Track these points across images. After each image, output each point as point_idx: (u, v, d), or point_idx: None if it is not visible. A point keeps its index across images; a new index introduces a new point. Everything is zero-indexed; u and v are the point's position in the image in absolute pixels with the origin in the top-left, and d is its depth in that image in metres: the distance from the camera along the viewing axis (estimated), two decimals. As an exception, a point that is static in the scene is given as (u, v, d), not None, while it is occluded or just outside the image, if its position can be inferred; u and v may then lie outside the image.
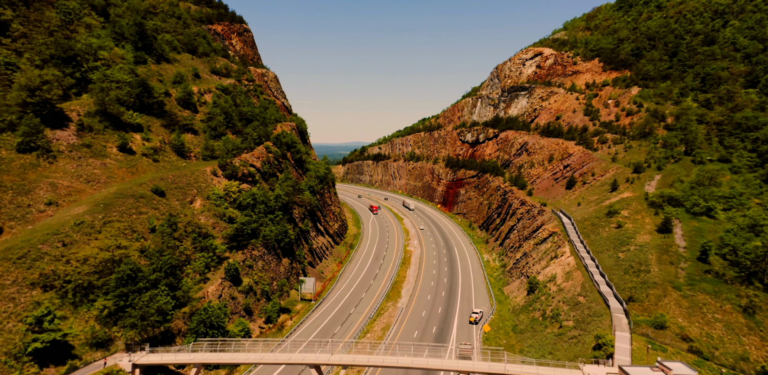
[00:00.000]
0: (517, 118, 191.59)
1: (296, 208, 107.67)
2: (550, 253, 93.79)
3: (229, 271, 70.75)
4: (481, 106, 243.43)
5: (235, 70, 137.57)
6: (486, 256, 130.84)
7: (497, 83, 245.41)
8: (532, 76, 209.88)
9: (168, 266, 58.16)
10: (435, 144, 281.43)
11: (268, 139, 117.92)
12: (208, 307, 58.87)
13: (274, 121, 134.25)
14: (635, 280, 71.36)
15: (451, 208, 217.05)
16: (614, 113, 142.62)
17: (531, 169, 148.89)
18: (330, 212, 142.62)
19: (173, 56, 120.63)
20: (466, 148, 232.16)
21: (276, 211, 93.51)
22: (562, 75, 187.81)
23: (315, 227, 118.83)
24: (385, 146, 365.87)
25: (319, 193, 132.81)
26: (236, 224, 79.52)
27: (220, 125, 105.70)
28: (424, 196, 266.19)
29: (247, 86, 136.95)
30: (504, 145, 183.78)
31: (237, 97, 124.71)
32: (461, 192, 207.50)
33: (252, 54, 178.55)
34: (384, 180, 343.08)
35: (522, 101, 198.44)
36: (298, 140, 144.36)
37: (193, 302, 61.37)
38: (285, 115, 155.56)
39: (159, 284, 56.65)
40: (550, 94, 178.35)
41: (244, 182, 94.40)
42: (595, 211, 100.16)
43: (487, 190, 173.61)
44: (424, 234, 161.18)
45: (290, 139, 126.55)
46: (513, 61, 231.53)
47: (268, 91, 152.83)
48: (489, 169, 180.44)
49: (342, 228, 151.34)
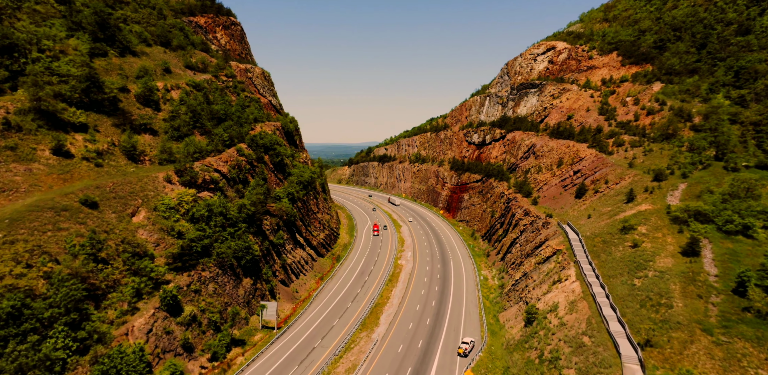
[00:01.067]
0: (526, 118, 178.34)
1: (268, 218, 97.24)
2: (552, 275, 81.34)
3: (166, 298, 60.46)
4: (489, 104, 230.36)
5: (214, 65, 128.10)
6: (485, 272, 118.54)
7: (507, 80, 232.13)
8: (543, 73, 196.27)
9: (70, 300, 47.92)
10: (441, 145, 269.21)
11: (243, 140, 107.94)
12: (116, 352, 48.40)
13: (254, 120, 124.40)
14: (654, 318, 58.79)
15: (454, 215, 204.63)
16: (633, 112, 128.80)
17: (538, 175, 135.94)
18: (315, 221, 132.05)
19: (141, 49, 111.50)
20: (472, 149, 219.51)
21: (239, 223, 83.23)
22: (576, 70, 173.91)
23: (292, 239, 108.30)
24: (392, 147, 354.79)
25: (302, 200, 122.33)
26: (183, 241, 69.36)
27: (185, 125, 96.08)
28: (428, 200, 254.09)
29: (226, 83, 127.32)
30: (511, 146, 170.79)
31: (211, 94, 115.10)
32: (465, 197, 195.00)
33: (239, 49, 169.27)
34: (389, 182, 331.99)
35: (532, 99, 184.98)
36: (282, 142, 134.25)
37: (103, 343, 51.02)
38: (270, 114, 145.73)
39: (56, 323, 46.52)
40: (562, 92, 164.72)
41: (205, 190, 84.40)
42: (607, 225, 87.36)
43: (491, 197, 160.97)
44: (420, 244, 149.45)
45: (270, 141, 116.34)
46: (524, 57, 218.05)
47: (251, 88, 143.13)
48: (494, 173, 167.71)
49: (330, 238, 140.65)
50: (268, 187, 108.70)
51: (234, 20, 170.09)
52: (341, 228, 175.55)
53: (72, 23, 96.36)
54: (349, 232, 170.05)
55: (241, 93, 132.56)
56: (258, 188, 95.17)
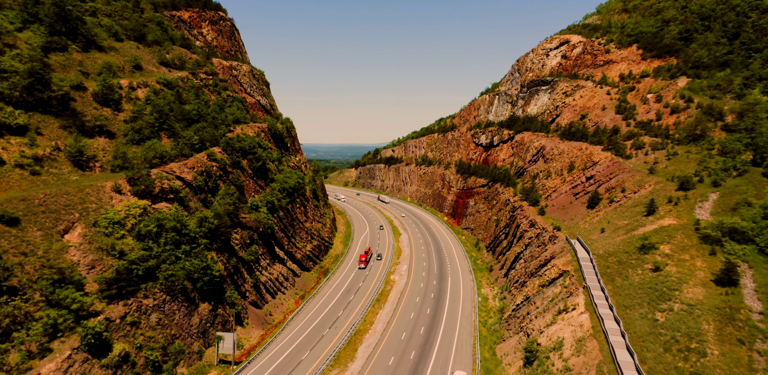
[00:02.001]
0: (536, 118, 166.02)
1: (239, 231, 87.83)
2: (558, 302, 69.95)
3: (86, 336, 51.17)
4: (498, 103, 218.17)
5: (192, 62, 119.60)
6: (486, 290, 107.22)
7: (517, 78, 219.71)
8: (556, 69, 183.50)
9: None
10: (448, 146, 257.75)
11: (217, 143, 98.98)
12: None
13: (233, 122, 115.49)
14: (682, 368, 47.31)
15: (459, 221, 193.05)
16: (655, 110, 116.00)
17: (547, 180, 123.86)
18: (302, 231, 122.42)
19: (110, 44, 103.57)
20: (479, 151, 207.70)
21: (198, 239, 73.84)
22: (592, 66, 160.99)
23: (270, 254, 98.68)
24: (399, 148, 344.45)
25: (285, 209, 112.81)
26: (122, 262, 60.22)
27: (148, 127, 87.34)
28: (434, 205, 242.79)
29: (205, 81, 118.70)
30: (519, 149, 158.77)
31: (186, 92, 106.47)
32: (470, 203, 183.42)
33: (228, 46, 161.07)
34: (395, 186, 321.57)
35: (542, 97, 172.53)
36: (267, 145, 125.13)
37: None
38: (257, 114, 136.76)
39: None
40: (575, 89, 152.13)
41: (163, 201, 75.35)
42: (623, 242, 75.58)
43: (497, 204, 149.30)
44: (418, 255, 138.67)
45: (249, 144, 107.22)
46: (536, 52, 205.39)
47: (236, 87, 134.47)
48: (500, 177, 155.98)
49: (319, 249, 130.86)
50: (244, 196, 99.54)
51: (223, 15, 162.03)
52: (336, 236, 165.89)
53: (28, 15, 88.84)
54: (344, 241, 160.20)
55: (222, 92, 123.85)
56: (227, 198, 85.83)
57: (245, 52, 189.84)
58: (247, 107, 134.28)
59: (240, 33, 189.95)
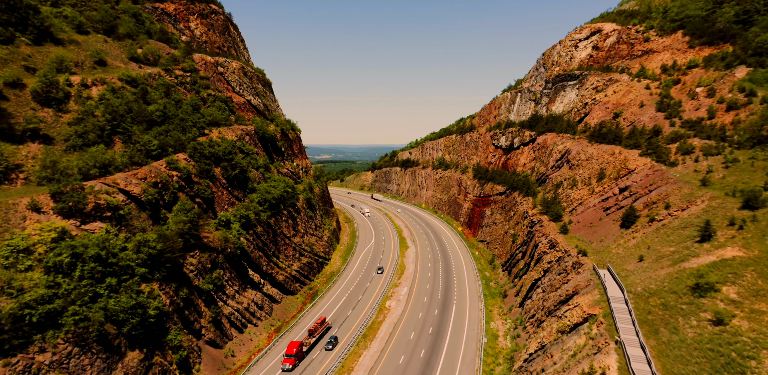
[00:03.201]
0: (561, 117, 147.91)
1: (197, 254, 75.01)
2: (581, 360, 53.66)
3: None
4: (521, 101, 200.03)
5: (167, 58, 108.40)
6: (497, 322, 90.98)
7: (542, 73, 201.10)
8: (585, 61, 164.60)
9: None
10: (466, 149, 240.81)
11: (184, 149, 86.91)
12: None
13: (210, 124, 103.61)
14: None
15: (475, 232, 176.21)
16: (706, 107, 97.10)
17: (572, 190, 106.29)
18: (288, 248, 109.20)
19: (70, 36, 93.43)
20: (499, 154, 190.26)
21: (134, 268, 61.19)
22: (628, 57, 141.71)
23: (240, 278, 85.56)
24: (416, 151, 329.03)
25: (265, 223, 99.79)
26: (9, 306, 47.95)
27: (96, 130, 75.91)
28: (449, 212, 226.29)
29: (181, 78, 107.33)
30: (541, 152, 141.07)
31: (154, 91, 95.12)
32: (487, 213, 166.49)
33: (220, 41, 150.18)
34: (411, 190, 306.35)
35: (569, 94, 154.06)
36: (252, 149, 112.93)
37: None
38: (244, 116, 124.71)
39: None
40: (608, 83, 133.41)
41: (97, 220, 63.28)
42: (670, 277, 58.64)
43: (514, 216, 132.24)
44: (423, 275, 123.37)
45: (224, 149, 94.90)
46: (563, 44, 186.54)
47: (220, 86, 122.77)
48: (518, 185, 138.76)
49: (310, 267, 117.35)
50: (213, 210, 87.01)
51: (215, 8, 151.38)
52: (337, 249, 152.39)
53: (-33, 5, 79.13)
54: (344, 255, 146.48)
55: (202, 90, 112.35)
56: (180, 215, 73.05)
57: (243, 49, 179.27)
58: (232, 108, 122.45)
59: (238, 29, 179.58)
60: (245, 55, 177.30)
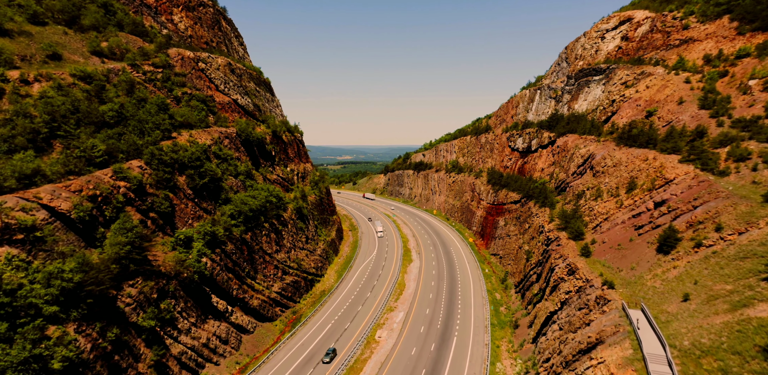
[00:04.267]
0: (585, 116, 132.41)
1: (138, 282, 63.75)
2: (606, 449, 39.78)
3: None
4: (540, 99, 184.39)
5: (136, 52, 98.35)
6: (505, 364, 77.00)
7: (565, 68, 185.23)
8: (613, 54, 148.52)
9: None
10: (481, 151, 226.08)
11: (140, 155, 76.21)
12: None
13: (180, 125, 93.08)
14: None
15: (488, 244, 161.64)
16: (763, 103, 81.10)
17: (596, 202, 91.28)
18: (269, 266, 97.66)
19: (21, 27, 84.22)
20: (515, 157, 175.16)
21: (42, 307, 50.06)
22: (663, 47, 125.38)
23: (199, 308, 73.94)
24: (429, 153, 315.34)
25: (239, 240, 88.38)
26: None
27: (28, 133, 65.76)
28: (461, 220, 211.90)
29: (151, 74, 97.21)
30: (561, 156, 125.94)
31: (114, 88, 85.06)
32: (500, 223, 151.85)
33: (209, 36, 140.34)
34: (423, 195, 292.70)
35: (594, 90, 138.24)
36: (231, 154, 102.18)
37: None
38: (226, 116, 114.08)
39: None
40: (639, 77, 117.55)
41: (5, 244, 52.52)
42: (729, 328, 44.33)
43: (529, 229, 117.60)
44: (424, 296, 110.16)
45: (192, 155, 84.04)
46: (588, 36, 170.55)
47: (198, 83, 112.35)
48: (534, 193, 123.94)
49: (296, 286, 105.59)
50: (172, 226, 75.99)
51: (204, 1, 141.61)
52: (333, 263, 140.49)
53: None
54: (340, 270, 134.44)
55: (176, 88, 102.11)
56: (118, 236, 61.88)
57: (239, 46, 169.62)
58: (212, 108, 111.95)
59: (233, 24, 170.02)
60: (239, 52, 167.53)
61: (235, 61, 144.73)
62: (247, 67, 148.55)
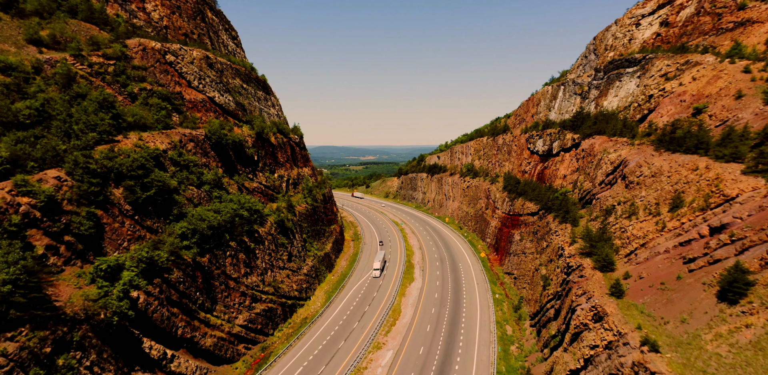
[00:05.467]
0: (615, 115, 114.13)
1: (19, 336, 49.99)
2: None
3: None
4: (564, 96, 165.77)
5: (85, 41, 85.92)
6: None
7: (593, 60, 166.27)
8: (650, 42, 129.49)
9: None
10: (498, 154, 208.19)
11: (61, 163, 63.14)
12: None
13: (131, 127, 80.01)
14: None
15: (501, 260, 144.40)
16: None
17: (629, 222, 73.67)
18: (234, 293, 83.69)
19: (-59, 17, 72.48)
20: (534, 161, 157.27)
21: None
22: (713, 31, 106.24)
23: (117, 359, 59.79)
24: (445, 155, 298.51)
25: (191, 265, 74.56)
26: None
27: None
28: (475, 230, 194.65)
29: (100, 67, 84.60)
30: (586, 161, 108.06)
31: (46, 81, 72.66)
32: (515, 237, 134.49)
33: (189, 27, 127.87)
34: (437, 200, 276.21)
35: (628, 84, 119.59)
36: (195, 160, 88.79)
37: None
38: (198, 116, 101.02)
39: None
40: (683, 67, 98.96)
41: None
42: None
43: (546, 248, 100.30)
44: (420, 326, 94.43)
45: (133, 163, 70.76)
46: (620, 24, 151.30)
47: (164, 78, 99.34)
48: (554, 206, 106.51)
49: (270, 315, 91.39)
50: (99, 251, 62.54)
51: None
52: (324, 281, 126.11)
53: None
54: (331, 290, 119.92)
55: (132, 83, 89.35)
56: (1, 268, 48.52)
57: (229, 39, 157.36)
58: (179, 106, 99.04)
59: (223, 15, 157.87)
60: (229, 46, 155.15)
61: (221, 55, 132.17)
62: (233, 62, 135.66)
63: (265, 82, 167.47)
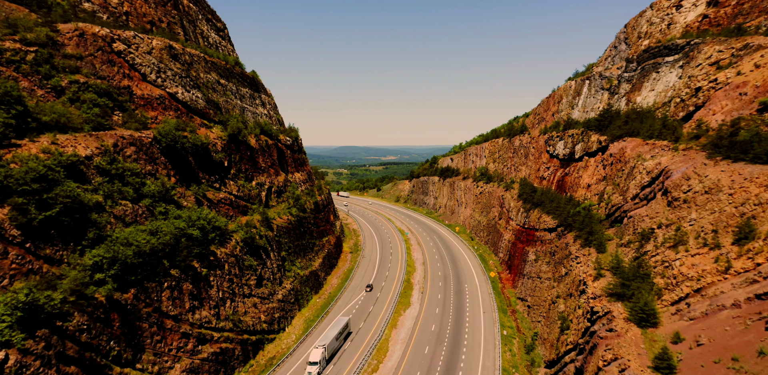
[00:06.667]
0: (652, 112, 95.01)
1: None
2: None
3: None
4: (589, 92, 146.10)
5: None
6: None
7: (623, 51, 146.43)
8: (695, 25, 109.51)
9: None
10: (514, 157, 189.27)
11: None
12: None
13: (36, 129, 65.71)
14: None
15: (514, 280, 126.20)
16: None
17: (676, 253, 55.32)
18: (174, 335, 68.64)
19: None
20: (554, 166, 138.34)
21: None
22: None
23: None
24: (458, 157, 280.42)
25: (104, 305, 59.52)
26: None
27: None
28: (487, 242, 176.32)
29: (13, 54, 70.73)
30: (615, 169, 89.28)
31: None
32: (530, 255, 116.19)
33: (156, 15, 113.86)
34: (449, 206, 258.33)
35: (667, 75, 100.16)
36: (135, 168, 74.37)
37: None
38: (147, 116, 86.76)
39: None
40: (740, 53, 79.57)
41: None
42: None
43: (565, 277, 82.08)
44: (408, 370, 77.47)
45: (24, 175, 56.27)
46: (657, 7, 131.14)
47: (107, 69, 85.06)
48: (575, 222, 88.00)
49: (222, 360, 76.12)
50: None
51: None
52: (305, 307, 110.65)
53: None
54: (312, 318, 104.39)
55: (61, 76, 75.35)
56: None
57: (212, 31, 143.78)
58: (123, 103, 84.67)
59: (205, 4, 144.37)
60: (210, 38, 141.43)
61: (194, 47, 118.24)
62: (208, 55, 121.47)
63: (254, 78, 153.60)
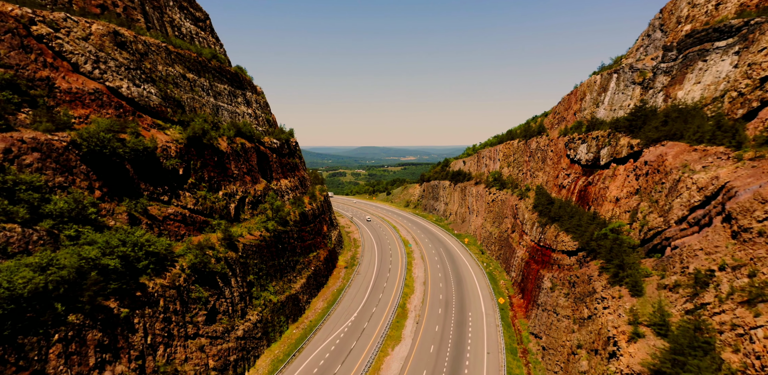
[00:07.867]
0: (699, 109, 76.89)
1: None
2: None
3: None
4: (617, 88, 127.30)
5: None
6: None
7: (659, 39, 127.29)
8: (751, 5, 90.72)
9: None
10: (530, 161, 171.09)
11: None
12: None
13: None
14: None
15: (527, 308, 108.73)
16: None
17: (752, 314, 38.22)
18: (69, 389, 53.80)
19: None
20: (575, 173, 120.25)
21: None
22: None
23: None
24: (471, 160, 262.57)
25: None
26: None
27: None
28: (499, 257, 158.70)
29: None
30: (652, 181, 71.48)
31: None
32: (545, 281, 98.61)
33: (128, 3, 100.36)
34: (459, 213, 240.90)
35: (717, 63, 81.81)
36: (33, 180, 60.12)
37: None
38: (71, 114, 72.78)
39: None
40: (821, 31, 61.39)
41: None
42: None
43: (588, 321, 64.78)
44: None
45: None
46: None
47: (21, 57, 71.37)
48: (602, 249, 70.42)
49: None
50: None
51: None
52: (276, 342, 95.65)
53: None
54: (282, 358, 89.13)
55: (-45, 71, 61.76)
56: None
57: (188, 20, 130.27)
58: (36, 97, 70.65)
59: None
60: (184, 28, 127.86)
61: (150, 35, 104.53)
62: (173, 45, 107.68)
63: (237, 74, 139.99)
